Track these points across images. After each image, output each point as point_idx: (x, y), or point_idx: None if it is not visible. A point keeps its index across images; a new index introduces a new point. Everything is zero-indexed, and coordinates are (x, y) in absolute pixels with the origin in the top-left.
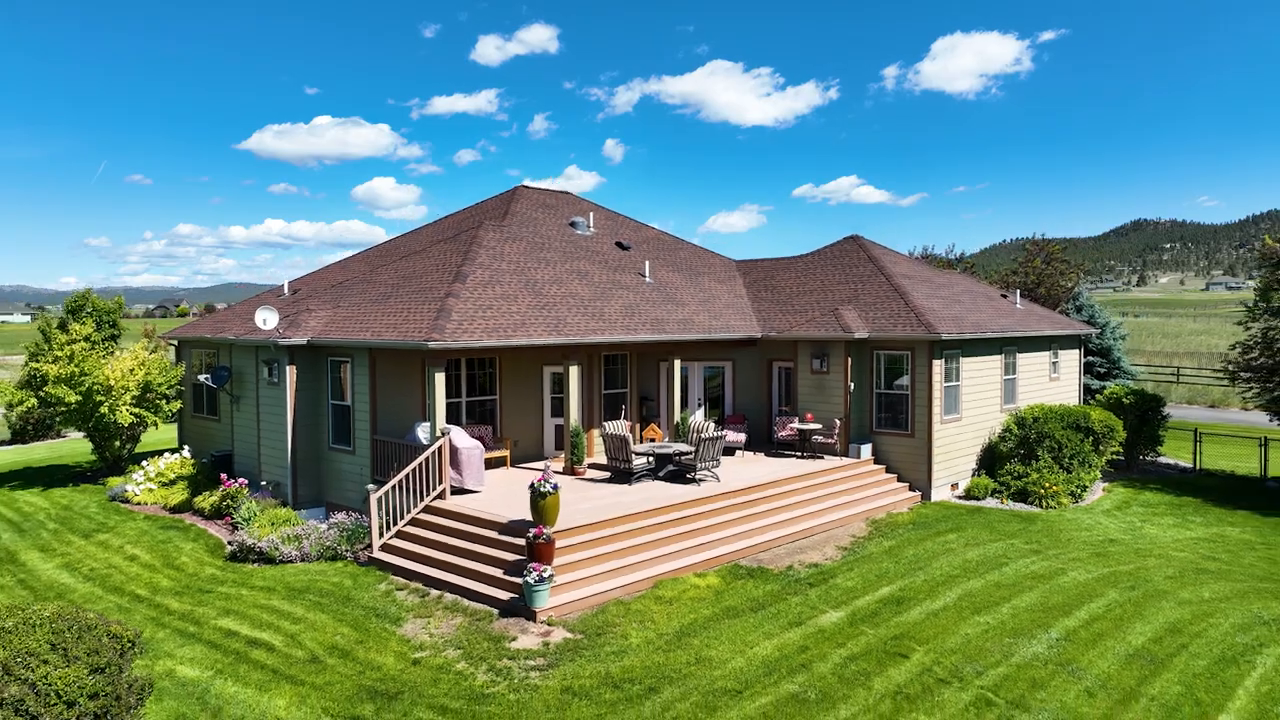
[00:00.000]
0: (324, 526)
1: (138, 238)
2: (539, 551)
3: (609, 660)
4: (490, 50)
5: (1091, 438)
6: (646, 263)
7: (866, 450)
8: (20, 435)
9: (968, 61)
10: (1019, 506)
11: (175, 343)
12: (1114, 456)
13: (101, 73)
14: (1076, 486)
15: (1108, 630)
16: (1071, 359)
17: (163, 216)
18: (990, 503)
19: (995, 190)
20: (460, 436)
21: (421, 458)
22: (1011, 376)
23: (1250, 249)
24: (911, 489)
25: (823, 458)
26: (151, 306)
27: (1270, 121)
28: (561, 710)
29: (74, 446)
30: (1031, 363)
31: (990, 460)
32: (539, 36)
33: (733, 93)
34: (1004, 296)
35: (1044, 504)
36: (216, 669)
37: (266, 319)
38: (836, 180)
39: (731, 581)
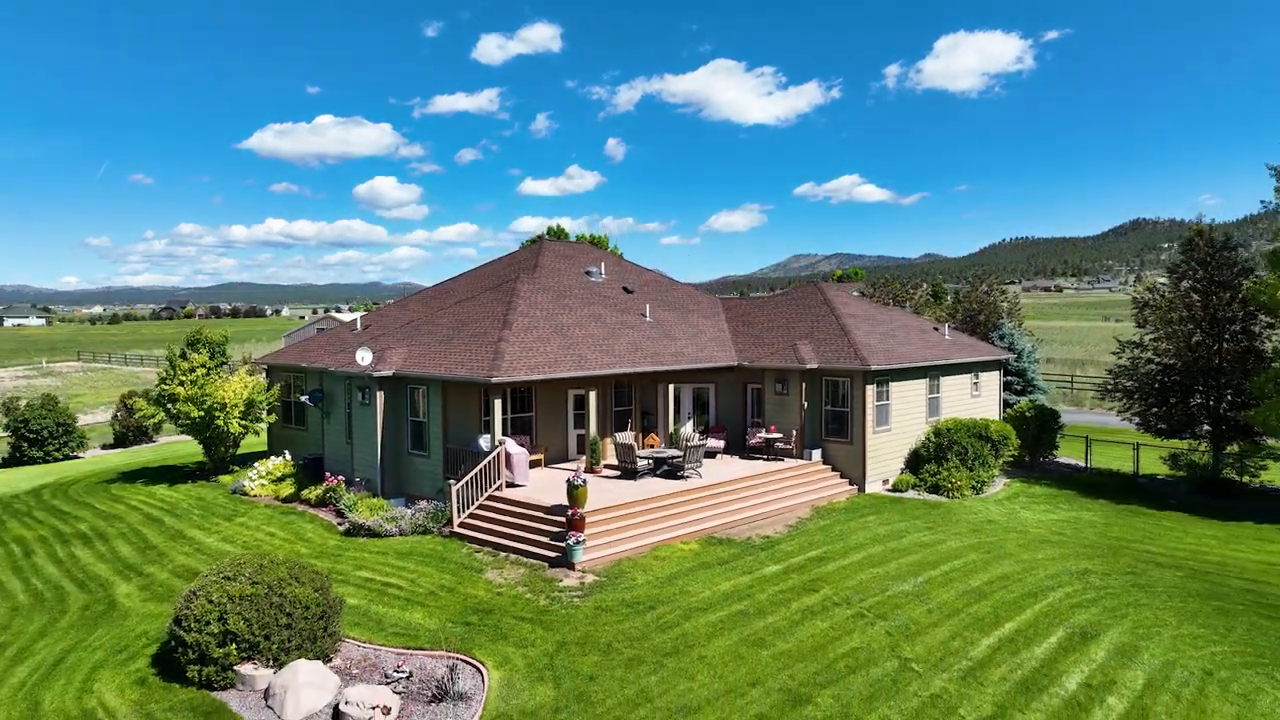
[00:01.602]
0: (409, 511)
1: (139, 237)
2: (575, 524)
3: (623, 592)
4: (492, 49)
5: (990, 444)
6: (647, 305)
7: (817, 454)
8: (121, 440)
9: (970, 60)
10: (930, 497)
11: (266, 367)
12: (1012, 458)
13: (103, 72)
14: (977, 481)
15: (958, 577)
16: (993, 379)
17: (164, 216)
18: (910, 494)
19: (996, 189)
20: (512, 445)
21: (485, 460)
22: (936, 395)
23: (1246, 248)
24: (850, 484)
25: (783, 460)
26: (158, 308)
27: (1272, 119)
28: (595, 618)
29: (174, 449)
30: (954, 384)
31: (916, 461)
32: (541, 35)
33: (735, 91)
34: (935, 329)
35: (950, 495)
36: (368, 599)
37: (364, 356)
38: (838, 179)
39: (706, 547)
